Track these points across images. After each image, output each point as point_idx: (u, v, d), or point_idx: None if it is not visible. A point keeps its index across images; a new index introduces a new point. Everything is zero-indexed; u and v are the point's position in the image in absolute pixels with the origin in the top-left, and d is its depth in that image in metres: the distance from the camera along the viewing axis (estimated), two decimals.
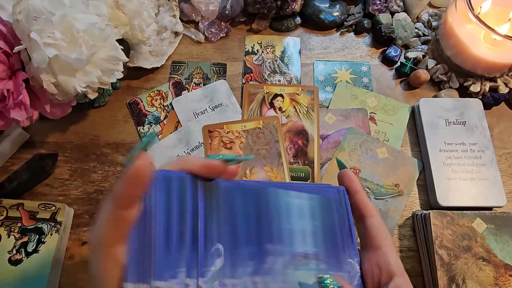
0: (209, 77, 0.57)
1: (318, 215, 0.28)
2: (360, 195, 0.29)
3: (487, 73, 0.54)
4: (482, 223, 0.46)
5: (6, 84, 0.39)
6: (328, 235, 0.28)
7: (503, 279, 0.44)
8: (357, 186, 0.30)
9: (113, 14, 0.46)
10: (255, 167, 0.49)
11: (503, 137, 0.53)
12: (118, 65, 0.45)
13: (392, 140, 0.52)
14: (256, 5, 0.58)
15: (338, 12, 0.60)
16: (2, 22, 0.39)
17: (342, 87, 0.56)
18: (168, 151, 0.50)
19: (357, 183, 0.30)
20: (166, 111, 0.54)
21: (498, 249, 0.45)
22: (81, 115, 0.53)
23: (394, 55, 0.57)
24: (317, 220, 0.28)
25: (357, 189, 0.30)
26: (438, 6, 0.63)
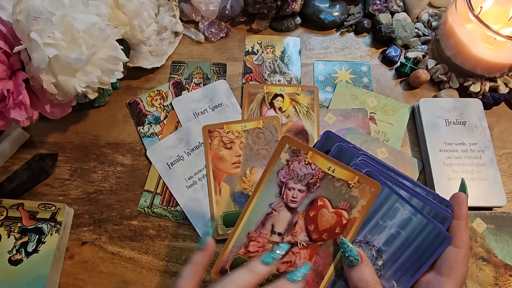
0: (209, 77, 0.57)
1: (409, 229, 0.31)
2: (460, 224, 0.31)
3: (487, 73, 0.54)
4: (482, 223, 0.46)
5: (6, 84, 0.39)
6: (403, 248, 0.31)
7: (503, 279, 0.44)
8: (463, 213, 0.31)
9: (113, 14, 0.46)
10: (255, 167, 0.49)
11: (503, 137, 0.53)
12: (118, 65, 0.45)
13: (392, 140, 0.52)
14: (256, 5, 0.58)
15: (338, 12, 0.60)
16: (2, 22, 0.39)
17: (342, 87, 0.56)
18: (168, 151, 0.50)
19: (464, 211, 0.31)
20: (166, 111, 0.54)
21: (498, 249, 0.45)
22: (81, 115, 0.53)
23: (394, 55, 0.57)
24: (406, 232, 0.31)
25: (462, 216, 0.31)
26: (438, 6, 0.63)
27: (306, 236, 0.32)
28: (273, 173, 0.32)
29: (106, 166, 0.50)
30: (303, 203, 0.32)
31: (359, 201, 0.31)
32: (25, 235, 0.42)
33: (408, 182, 0.33)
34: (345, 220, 0.31)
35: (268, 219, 0.32)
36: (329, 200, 0.31)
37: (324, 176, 0.31)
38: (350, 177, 0.31)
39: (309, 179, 0.31)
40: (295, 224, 0.32)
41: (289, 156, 0.32)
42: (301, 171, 0.32)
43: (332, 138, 0.33)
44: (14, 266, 0.41)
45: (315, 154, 0.31)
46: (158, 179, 0.49)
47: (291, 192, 0.32)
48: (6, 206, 0.44)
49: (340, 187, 0.31)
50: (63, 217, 0.44)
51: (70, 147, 0.51)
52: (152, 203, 0.48)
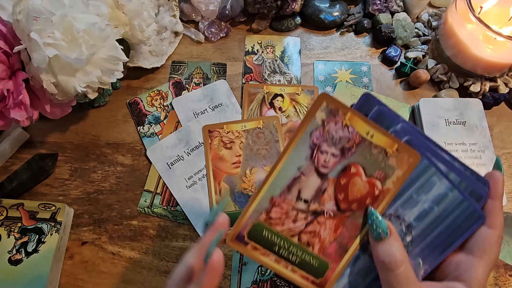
0: (209, 77, 0.57)
1: (443, 205, 0.29)
2: (495, 204, 0.29)
3: (487, 73, 0.54)
4: None
5: (6, 84, 0.39)
6: (434, 225, 0.30)
7: (503, 279, 0.44)
8: (499, 193, 0.29)
9: (113, 14, 0.46)
10: (255, 167, 0.49)
11: (503, 137, 0.53)
12: (118, 65, 0.45)
13: None
14: (256, 5, 0.58)
15: (338, 12, 0.60)
16: (2, 22, 0.39)
17: (342, 87, 0.56)
18: (168, 151, 0.50)
19: (500, 190, 0.29)
20: (166, 111, 0.54)
21: None
22: (81, 115, 0.53)
23: (394, 55, 0.57)
24: (440, 208, 0.29)
25: (497, 196, 0.29)
26: (438, 6, 0.63)
27: (334, 205, 0.29)
28: (305, 134, 0.29)
29: (106, 166, 0.50)
30: (335, 169, 0.29)
31: (395, 172, 0.29)
32: (25, 235, 0.42)
33: (446, 155, 0.30)
34: (377, 191, 0.29)
35: (295, 184, 0.29)
36: (364, 168, 0.29)
37: (361, 141, 0.28)
38: (389, 144, 0.28)
39: (344, 143, 0.29)
40: (324, 192, 0.29)
41: (325, 115, 0.28)
42: (337, 133, 0.29)
43: (371, 100, 0.30)
44: (14, 266, 0.41)
45: (355, 115, 0.28)
46: (158, 179, 0.49)
47: (324, 155, 0.29)
48: (6, 206, 0.44)
49: (377, 155, 0.29)
50: (63, 217, 0.44)
51: (70, 147, 0.51)
52: (152, 203, 0.48)
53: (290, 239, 0.29)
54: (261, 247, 0.29)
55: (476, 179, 0.30)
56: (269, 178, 0.29)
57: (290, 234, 0.29)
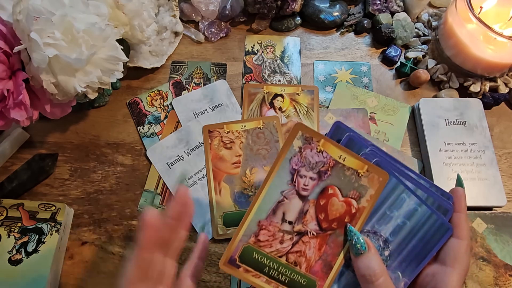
0: (209, 77, 0.57)
1: (414, 219, 0.32)
2: (460, 216, 0.32)
3: (487, 73, 0.54)
4: (482, 223, 0.46)
5: (6, 84, 0.39)
6: (408, 238, 0.32)
7: (503, 279, 0.44)
8: (462, 206, 0.32)
9: (113, 14, 0.46)
10: (255, 167, 0.49)
11: (503, 137, 0.53)
12: (118, 65, 0.45)
13: (392, 140, 0.52)
14: (256, 5, 0.58)
15: (338, 12, 0.60)
16: (2, 22, 0.39)
17: (342, 87, 0.56)
18: (168, 151, 0.50)
19: (463, 204, 0.32)
20: (166, 111, 0.54)
21: (498, 249, 0.45)
22: (81, 115, 0.53)
23: (394, 55, 0.57)
24: (411, 222, 0.32)
25: (462, 209, 0.32)
26: (438, 6, 0.63)
27: (316, 225, 0.31)
28: (285, 160, 0.32)
29: (106, 166, 0.50)
30: (314, 191, 0.32)
31: (368, 190, 0.31)
32: (25, 235, 0.42)
33: (412, 173, 0.33)
34: (354, 209, 0.31)
35: (280, 207, 0.32)
36: (339, 189, 0.32)
37: (335, 164, 0.31)
38: (359, 166, 0.31)
39: (320, 167, 0.32)
40: (306, 213, 0.32)
41: (301, 143, 0.32)
42: (313, 158, 0.32)
43: (342, 128, 0.34)
44: (14, 266, 0.41)
45: (327, 142, 0.31)
46: (158, 179, 0.49)
47: (303, 179, 0.32)
48: (6, 206, 0.44)
49: (350, 176, 0.31)
50: (63, 217, 0.44)
51: (70, 147, 0.51)
52: (152, 203, 0.48)
53: (278, 259, 0.31)
54: (252, 269, 0.31)
55: (441, 194, 0.33)
56: (256, 203, 0.32)
57: (278, 255, 0.31)
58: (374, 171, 0.31)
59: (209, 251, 0.45)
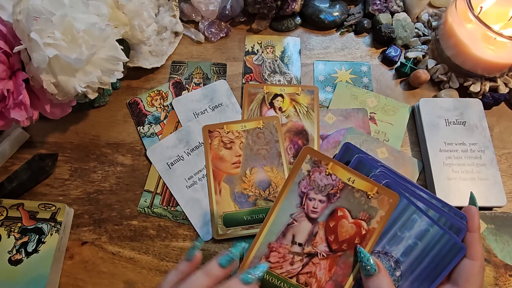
0: (209, 77, 0.57)
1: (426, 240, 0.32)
2: (474, 236, 0.31)
3: (487, 73, 0.54)
4: (482, 223, 0.46)
5: (6, 84, 0.39)
6: (420, 259, 0.32)
7: (503, 279, 0.44)
8: (475, 225, 0.32)
9: (113, 14, 0.46)
10: (255, 167, 0.49)
11: (503, 137, 0.53)
12: (118, 65, 0.45)
13: (392, 140, 0.52)
14: (256, 5, 0.58)
15: (338, 12, 0.60)
16: (2, 22, 0.39)
17: (342, 87, 0.56)
18: (168, 151, 0.50)
19: (477, 223, 0.32)
20: (166, 111, 0.54)
21: (498, 249, 0.45)
22: (81, 115, 0.53)
23: (394, 55, 0.57)
24: (423, 242, 0.32)
25: (475, 228, 0.32)
26: (438, 6, 0.63)
27: (326, 246, 0.32)
28: (294, 184, 0.32)
29: (106, 166, 0.50)
30: (324, 213, 0.32)
31: (378, 212, 0.32)
32: (25, 235, 0.42)
33: (424, 193, 0.33)
34: (364, 230, 0.32)
35: (289, 230, 0.32)
36: (349, 211, 0.32)
37: (344, 186, 0.32)
38: (369, 188, 0.32)
39: (329, 190, 0.32)
40: (316, 235, 0.32)
41: (310, 166, 0.32)
42: (322, 181, 0.32)
43: (351, 149, 0.35)
44: (14, 266, 0.41)
45: (336, 165, 0.32)
46: (158, 179, 0.49)
47: (312, 202, 0.32)
48: (6, 206, 0.44)
49: (360, 198, 0.32)
50: (63, 217, 0.44)
51: (70, 147, 0.51)
52: (152, 203, 0.48)
53: (289, 280, 0.32)
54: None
55: (454, 213, 0.33)
56: (266, 225, 0.32)
57: (288, 276, 0.32)
58: (384, 193, 0.31)
59: (209, 251, 0.45)
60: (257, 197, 0.47)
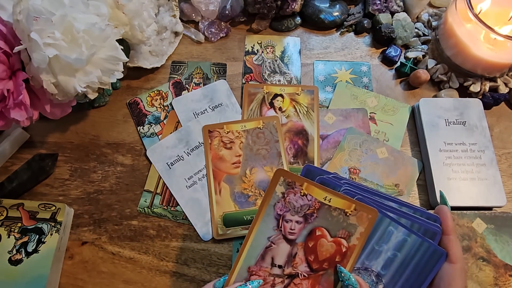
0: (209, 77, 0.57)
1: (405, 250, 0.32)
2: (450, 239, 0.31)
3: (487, 73, 0.54)
4: (482, 223, 0.46)
5: (6, 84, 0.39)
6: (401, 270, 0.32)
7: (503, 279, 0.44)
8: (450, 227, 0.32)
9: (113, 14, 0.46)
10: (255, 167, 0.49)
11: (503, 137, 0.53)
12: (118, 65, 0.45)
13: (392, 140, 0.52)
14: (256, 5, 0.58)
15: (338, 12, 0.60)
16: (2, 22, 0.39)
17: (342, 87, 0.56)
18: (168, 151, 0.50)
19: (450, 224, 0.32)
20: (166, 111, 0.54)
21: (498, 249, 0.45)
22: (81, 115, 0.53)
23: (394, 55, 0.57)
24: (402, 253, 0.32)
25: (450, 230, 0.32)
26: (438, 6, 0.63)
27: (306, 266, 0.32)
28: (269, 207, 0.32)
29: (106, 166, 0.50)
30: (302, 234, 0.32)
31: (357, 229, 0.31)
32: (25, 235, 0.42)
33: (393, 203, 0.34)
34: (344, 248, 0.31)
35: (268, 252, 0.32)
36: (328, 230, 0.32)
37: (320, 206, 0.32)
38: (346, 205, 0.32)
39: (306, 210, 0.32)
40: (295, 256, 0.32)
41: (284, 188, 0.32)
42: (297, 202, 0.32)
43: (312, 171, 0.35)
44: (14, 266, 0.41)
45: (310, 185, 0.32)
46: (158, 179, 0.49)
47: (289, 224, 0.32)
48: (6, 206, 0.44)
49: (338, 216, 0.32)
50: (63, 217, 0.44)
51: (70, 147, 0.51)
52: (152, 203, 0.48)
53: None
54: None
55: (427, 218, 0.33)
56: (243, 250, 0.32)
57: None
58: (362, 209, 0.31)
59: (209, 251, 0.45)
60: (257, 197, 0.47)
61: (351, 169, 0.49)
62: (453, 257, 0.31)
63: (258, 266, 0.32)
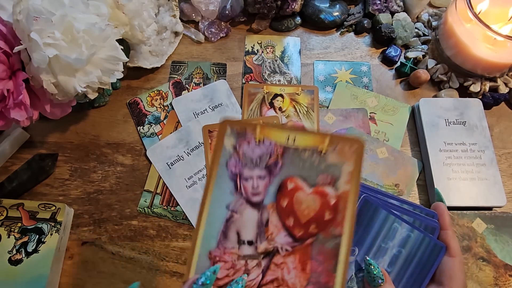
0: (209, 77, 0.57)
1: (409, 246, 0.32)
2: (448, 234, 0.32)
3: (487, 73, 0.54)
4: (482, 223, 0.46)
5: (6, 84, 0.39)
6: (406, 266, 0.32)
7: (503, 279, 0.44)
8: (447, 223, 0.33)
9: (113, 14, 0.46)
10: None
11: (503, 137, 0.53)
12: (118, 65, 0.45)
13: (392, 140, 0.52)
14: (256, 5, 0.58)
15: (338, 12, 0.60)
16: (2, 22, 0.39)
17: (342, 87, 0.56)
18: (168, 151, 0.50)
19: (447, 220, 0.33)
20: (166, 111, 0.54)
21: (498, 249, 0.45)
22: (81, 115, 0.53)
23: (394, 55, 0.57)
24: (406, 249, 0.32)
25: (447, 226, 0.32)
26: (438, 6, 0.63)
27: (287, 235, 0.23)
28: (220, 167, 0.25)
29: (106, 166, 0.50)
30: (269, 192, 0.24)
31: (343, 168, 0.23)
32: (25, 235, 0.42)
33: (395, 200, 0.33)
34: (332, 198, 0.23)
35: (230, 227, 0.24)
36: (303, 179, 0.24)
37: (284, 150, 0.24)
38: (318, 141, 0.24)
39: (267, 160, 0.24)
40: (267, 224, 0.24)
41: (234, 139, 0.25)
42: (254, 152, 0.25)
43: None
44: (14, 266, 0.41)
45: (265, 127, 0.25)
46: (158, 179, 0.49)
47: (250, 182, 0.25)
48: (6, 206, 0.44)
49: (310, 158, 0.24)
50: (63, 217, 0.44)
51: (70, 147, 0.51)
52: (152, 203, 0.48)
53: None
54: None
55: (426, 214, 0.33)
56: (199, 230, 0.24)
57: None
58: (341, 141, 0.24)
59: None
60: None
61: None
62: (452, 251, 0.31)
63: (221, 249, 0.24)
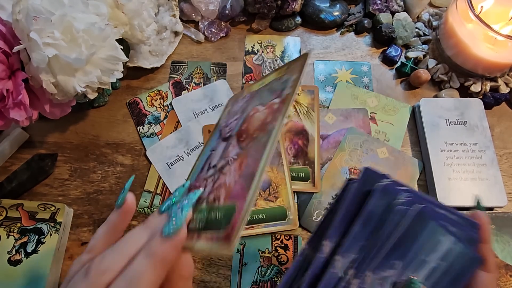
0: (209, 77, 0.57)
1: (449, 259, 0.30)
2: (486, 247, 0.30)
3: (488, 73, 0.54)
4: None
5: (5, 84, 0.38)
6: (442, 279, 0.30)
7: (504, 280, 0.44)
8: (486, 235, 0.30)
9: (113, 14, 0.45)
10: None
11: (503, 137, 0.53)
12: (118, 65, 0.44)
13: (392, 140, 0.52)
14: (256, 5, 0.58)
15: (339, 11, 0.60)
16: (2, 22, 0.39)
17: (342, 87, 0.56)
18: (168, 151, 0.50)
19: (487, 232, 0.30)
20: (166, 111, 0.54)
21: (498, 250, 0.45)
22: (81, 115, 0.53)
23: (395, 55, 0.57)
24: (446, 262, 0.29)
25: (486, 239, 0.30)
26: (438, 5, 0.63)
27: (238, 148, 0.25)
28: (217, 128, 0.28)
29: (105, 166, 0.50)
30: (237, 124, 0.27)
31: (289, 80, 0.26)
32: (25, 235, 0.42)
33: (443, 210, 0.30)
34: (276, 105, 0.25)
35: (207, 162, 0.27)
36: (261, 104, 0.26)
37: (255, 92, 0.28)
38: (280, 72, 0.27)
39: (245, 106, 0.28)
40: (229, 146, 0.26)
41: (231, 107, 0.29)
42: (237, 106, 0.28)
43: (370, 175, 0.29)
44: (13, 266, 0.41)
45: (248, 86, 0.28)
46: (158, 179, 0.49)
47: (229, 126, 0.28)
48: (5, 206, 0.43)
49: (271, 87, 0.27)
50: (63, 217, 0.44)
51: (69, 147, 0.51)
52: (152, 203, 0.48)
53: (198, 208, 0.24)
54: None
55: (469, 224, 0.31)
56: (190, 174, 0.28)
57: (200, 202, 0.24)
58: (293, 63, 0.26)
59: None
60: (257, 197, 0.47)
61: (352, 169, 0.49)
62: (490, 267, 0.29)
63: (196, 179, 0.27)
